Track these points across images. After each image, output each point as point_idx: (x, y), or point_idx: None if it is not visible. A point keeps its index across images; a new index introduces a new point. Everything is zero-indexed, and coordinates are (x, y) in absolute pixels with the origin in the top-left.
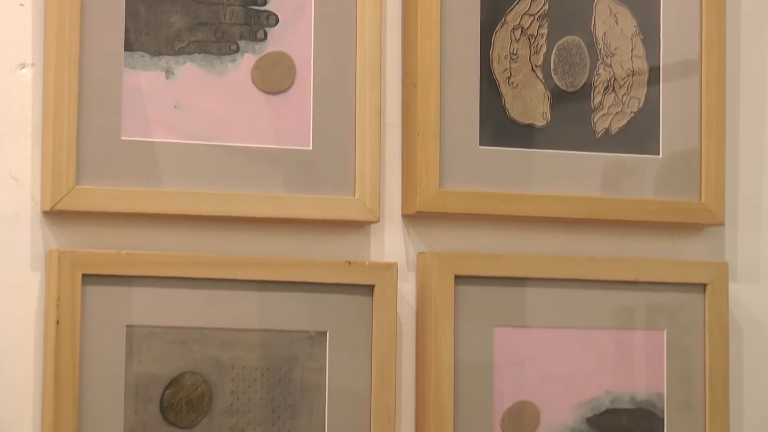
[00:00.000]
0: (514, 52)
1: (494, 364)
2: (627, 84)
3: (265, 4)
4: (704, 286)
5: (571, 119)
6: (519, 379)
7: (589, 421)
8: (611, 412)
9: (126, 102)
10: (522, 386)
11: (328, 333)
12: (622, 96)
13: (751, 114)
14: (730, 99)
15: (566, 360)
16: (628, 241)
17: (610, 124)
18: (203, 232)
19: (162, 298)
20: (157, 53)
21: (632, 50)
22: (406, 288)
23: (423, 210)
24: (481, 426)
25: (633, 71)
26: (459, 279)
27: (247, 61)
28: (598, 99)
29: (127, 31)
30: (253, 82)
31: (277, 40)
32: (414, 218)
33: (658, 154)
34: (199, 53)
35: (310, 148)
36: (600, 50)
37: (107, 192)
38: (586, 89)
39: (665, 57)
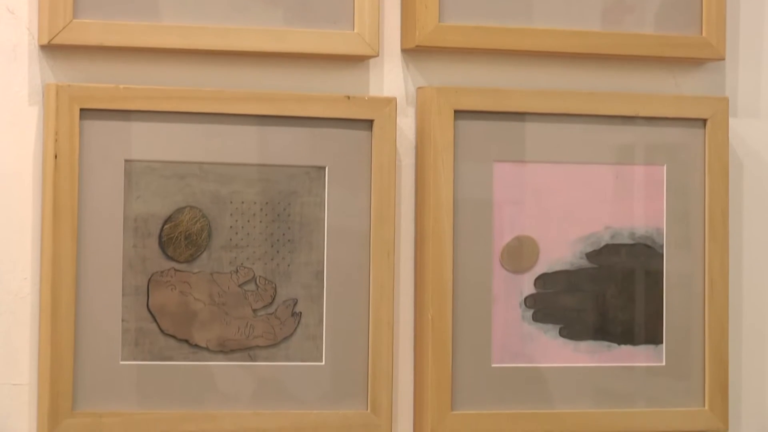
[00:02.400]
0: None
1: (493, 200)
2: None
3: None
4: (704, 121)
5: None
6: (518, 214)
7: (588, 256)
8: (610, 248)
9: None
10: (521, 222)
11: (327, 168)
12: None
13: None
14: None
15: (565, 195)
16: (629, 77)
17: None
18: (202, 67)
19: (160, 132)
20: None
21: None
22: (406, 123)
23: (422, 44)
24: (480, 261)
25: None
26: (458, 114)
27: None
28: None
29: None
30: None
31: None
32: (413, 52)
33: None
34: None
35: None
36: None
37: (105, 26)
38: None
39: None
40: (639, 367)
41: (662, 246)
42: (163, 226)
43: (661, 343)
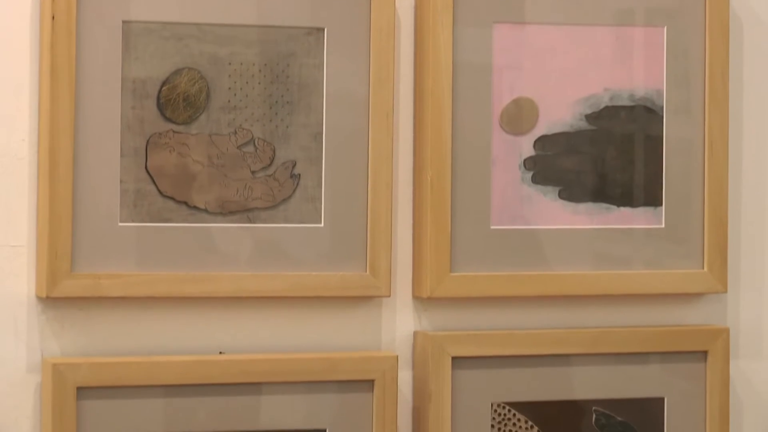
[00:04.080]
0: None
1: (493, 61)
2: None
3: None
4: None
5: None
6: (518, 76)
7: (588, 117)
8: (610, 109)
9: None
10: (521, 84)
11: (325, 29)
12: None
13: None
14: None
15: (565, 57)
16: None
17: None
18: None
19: None
20: None
21: None
22: None
23: None
24: (479, 123)
25: None
26: None
27: None
28: None
29: None
30: None
31: None
32: None
33: None
34: None
35: None
36: None
37: None
38: None
39: None
40: (638, 229)
41: (662, 108)
42: (161, 88)
43: (661, 205)
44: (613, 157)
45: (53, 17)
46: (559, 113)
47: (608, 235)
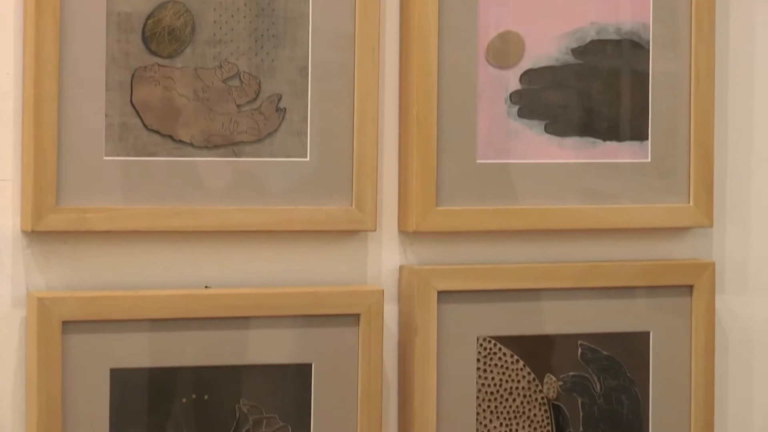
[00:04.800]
0: None
1: None
2: None
3: None
4: None
5: None
6: (504, 10)
7: (574, 51)
8: (596, 43)
9: None
10: (507, 18)
11: None
12: None
13: None
14: None
15: None
16: None
17: None
18: None
19: None
20: None
21: None
22: None
23: None
24: (465, 57)
25: None
26: None
27: None
28: None
29: None
30: None
31: None
32: None
33: None
34: None
35: None
36: None
37: None
38: None
39: None
40: (624, 163)
41: (648, 42)
42: (146, 21)
43: (647, 139)
44: (599, 92)
45: None
46: (545, 47)
47: (594, 169)
